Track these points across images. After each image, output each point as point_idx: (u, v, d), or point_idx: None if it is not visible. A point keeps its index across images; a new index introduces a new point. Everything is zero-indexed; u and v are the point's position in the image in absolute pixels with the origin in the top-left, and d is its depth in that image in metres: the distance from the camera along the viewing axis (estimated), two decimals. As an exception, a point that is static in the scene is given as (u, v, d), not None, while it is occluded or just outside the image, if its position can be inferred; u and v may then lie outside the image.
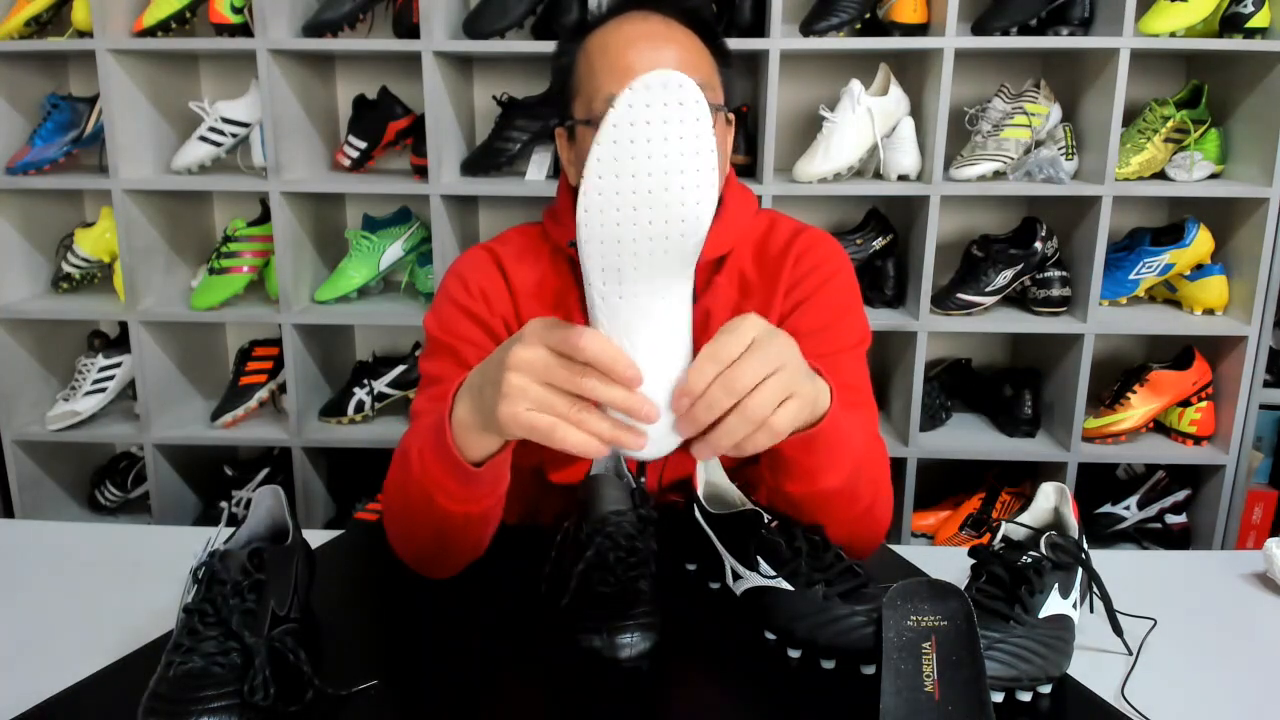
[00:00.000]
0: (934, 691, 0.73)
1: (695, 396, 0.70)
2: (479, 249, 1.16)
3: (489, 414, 0.74)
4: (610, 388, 0.69)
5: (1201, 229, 2.00)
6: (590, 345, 0.69)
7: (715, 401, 0.70)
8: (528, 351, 0.71)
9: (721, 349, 0.71)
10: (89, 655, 0.85)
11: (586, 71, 1.05)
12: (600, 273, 0.71)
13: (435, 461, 0.84)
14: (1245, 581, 1.04)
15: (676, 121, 0.69)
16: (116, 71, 1.92)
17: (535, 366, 0.71)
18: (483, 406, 0.76)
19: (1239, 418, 1.99)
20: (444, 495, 0.85)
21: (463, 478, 0.83)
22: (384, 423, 2.12)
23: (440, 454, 0.83)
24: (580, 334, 0.69)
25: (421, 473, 0.86)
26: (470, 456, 0.81)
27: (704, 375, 0.70)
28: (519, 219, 1.39)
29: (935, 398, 2.11)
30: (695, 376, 0.71)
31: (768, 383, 0.71)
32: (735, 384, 0.70)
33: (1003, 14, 1.88)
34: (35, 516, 2.16)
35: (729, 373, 0.70)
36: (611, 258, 0.71)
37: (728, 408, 0.71)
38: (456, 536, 0.91)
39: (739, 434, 0.71)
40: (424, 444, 0.86)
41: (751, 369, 0.71)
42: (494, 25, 1.90)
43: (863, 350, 1.12)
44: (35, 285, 2.18)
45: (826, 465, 0.89)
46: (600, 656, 0.79)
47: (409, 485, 0.88)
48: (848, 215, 2.20)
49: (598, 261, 0.71)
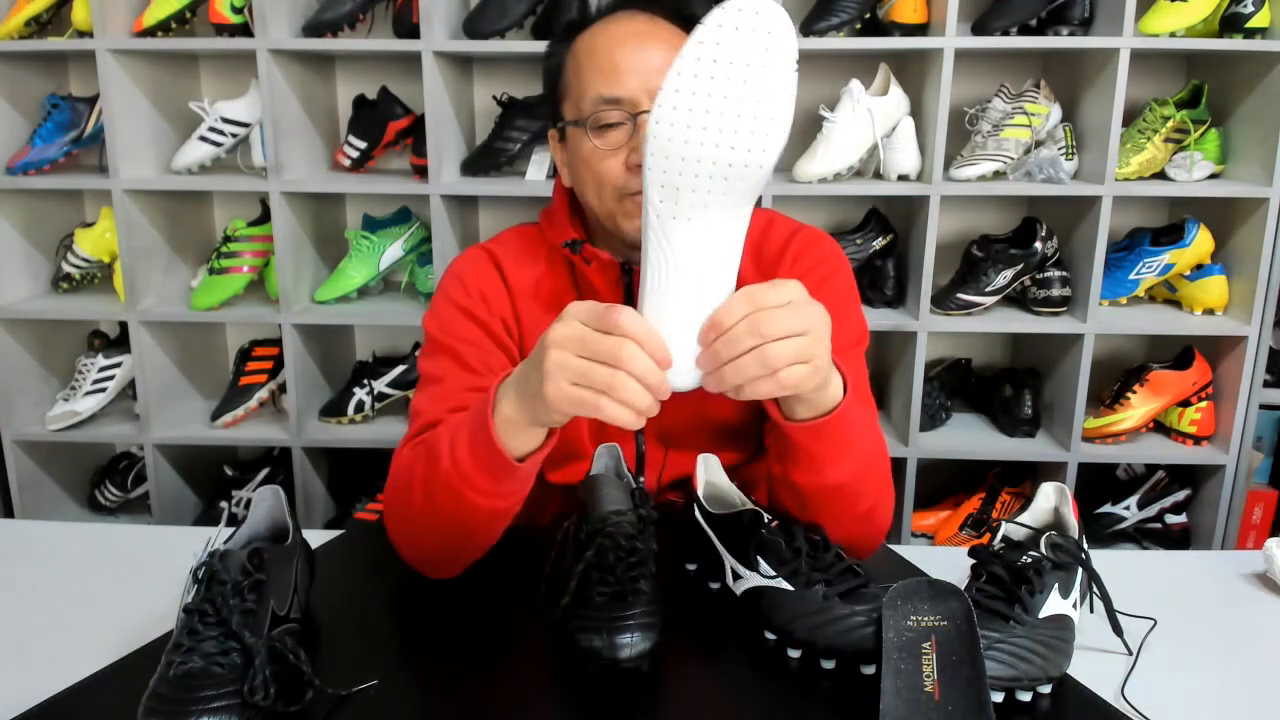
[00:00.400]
0: (934, 691, 0.73)
1: (722, 331, 0.73)
2: (477, 249, 1.17)
3: (535, 397, 0.76)
4: (643, 360, 0.72)
5: (1201, 229, 2.00)
6: (626, 320, 0.72)
7: (738, 340, 0.73)
8: (565, 328, 0.74)
9: (759, 294, 0.74)
10: (89, 655, 0.85)
11: (575, 72, 1.05)
12: (659, 189, 0.73)
13: (470, 458, 0.85)
14: (1245, 581, 1.04)
15: (762, 49, 0.69)
16: (116, 71, 1.92)
17: (573, 340, 0.74)
18: (528, 393, 0.79)
19: (1239, 418, 1.99)
20: (474, 491, 0.86)
21: (501, 473, 0.84)
22: (384, 423, 2.12)
23: (478, 450, 0.84)
24: (617, 310, 0.72)
25: (452, 468, 0.86)
26: (513, 452, 0.83)
27: (734, 313, 0.73)
28: (519, 219, 1.39)
29: (935, 398, 2.11)
30: (726, 312, 0.73)
31: (792, 339, 0.74)
32: (761, 327, 0.72)
33: (1003, 14, 1.87)
34: (35, 516, 2.16)
35: (758, 315, 0.73)
36: (674, 175, 0.72)
37: (747, 349, 0.73)
38: (477, 532, 0.92)
39: (748, 374, 0.73)
40: (456, 440, 0.86)
41: (781, 320, 0.73)
42: (494, 25, 1.90)
43: (861, 350, 1.12)
44: (35, 285, 2.18)
45: (835, 457, 0.90)
46: (600, 656, 0.79)
47: (435, 481, 0.88)
48: (848, 215, 2.20)
49: (658, 177, 0.72)
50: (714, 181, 0.72)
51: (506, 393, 0.82)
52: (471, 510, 0.88)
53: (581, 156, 1.04)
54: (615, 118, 1.01)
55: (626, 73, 1.00)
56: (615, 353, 0.72)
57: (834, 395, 0.85)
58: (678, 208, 0.73)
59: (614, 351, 0.72)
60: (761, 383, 0.74)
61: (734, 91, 0.69)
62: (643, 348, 0.72)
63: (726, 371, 0.74)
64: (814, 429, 0.86)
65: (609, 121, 1.01)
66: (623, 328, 0.72)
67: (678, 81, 0.69)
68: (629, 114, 1.00)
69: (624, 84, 1.00)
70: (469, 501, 0.87)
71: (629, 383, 0.72)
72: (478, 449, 0.84)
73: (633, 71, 1.00)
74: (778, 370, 0.74)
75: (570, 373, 0.73)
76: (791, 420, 0.87)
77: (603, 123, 1.02)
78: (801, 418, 0.87)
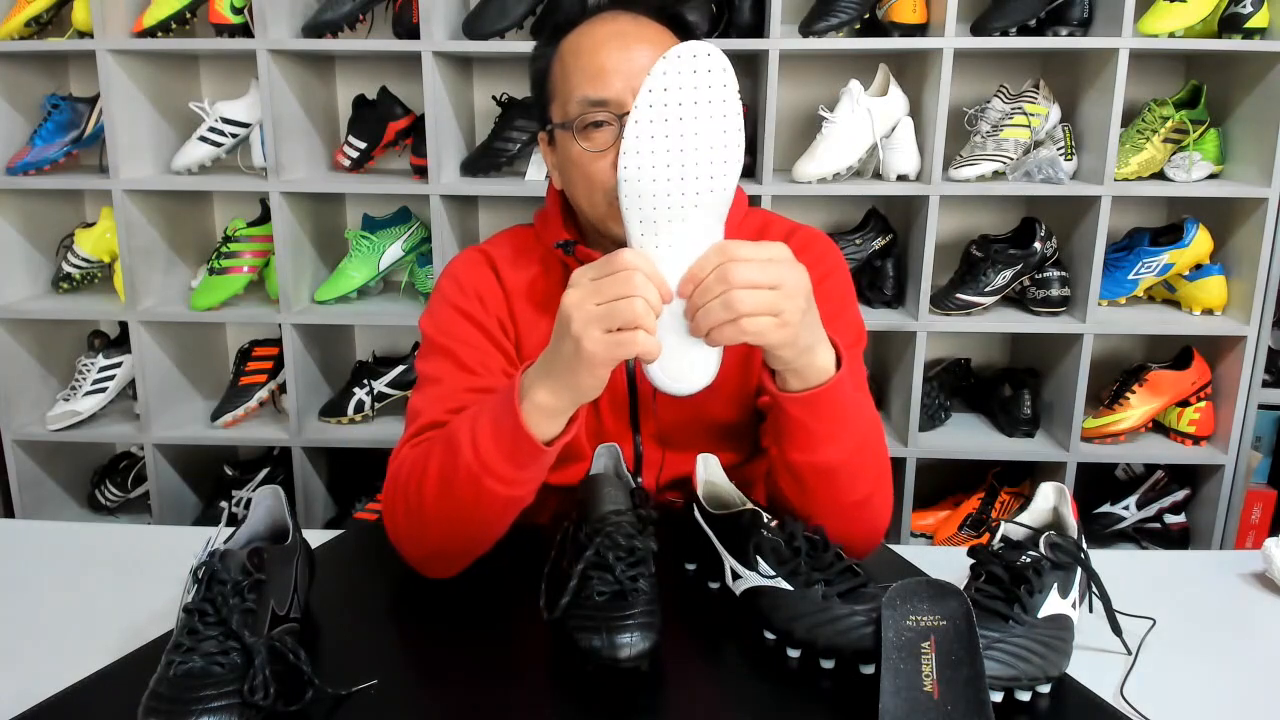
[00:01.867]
0: (933, 691, 0.74)
1: (697, 282, 0.79)
2: (472, 251, 1.17)
3: (574, 365, 0.80)
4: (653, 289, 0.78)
5: (1200, 229, 2.00)
6: (628, 257, 0.78)
7: (709, 288, 0.79)
8: (577, 289, 0.80)
9: (734, 246, 0.80)
10: (89, 655, 0.85)
11: (561, 75, 1.05)
12: (639, 224, 0.82)
13: (494, 447, 0.87)
14: (1244, 581, 1.04)
15: (705, 87, 0.78)
16: (116, 72, 1.92)
17: (588, 294, 0.79)
18: (563, 369, 0.82)
19: (1238, 418, 1.99)
20: (495, 479, 0.88)
21: (525, 460, 0.87)
22: (384, 423, 2.12)
23: (501, 439, 0.86)
24: (616, 254, 0.79)
25: (474, 459, 0.88)
26: (541, 437, 0.85)
27: (708, 263, 0.79)
28: (519, 219, 1.40)
29: (935, 397, 2.11)
30: (701, 263, 0.80)
31: (760, 290, 0.78)
32: (730, 276, 0.78)
33: (1002, 14, 1.88)
34: (35, 516, 2.16)
35: (727, 265, 0.78)
36: (648, 211, 0.81)
37: (715, 295, 0.78)
38: (490, 522, 0.93)
39: (713, 319, 0.79)
40: (478, 432, 0.88)
41: (750, 272, 0.78)
42: (494, 25, 1.90)
43: (859, 351, 1.13)
44: (35, 285, 2.18)
45: (829, 434, 0.92)
46: (600, 656, 0.79)
47: (453, 472, 0.89)
48: (847, 215, 2.20)
49: (636, 215, 0.81)
50: (685, 210, 0.80)
51: (535, 380, 0.85)
52: (491, 499, 0.89)
53: (571, 159, 1.04)
54: (601, 118, 1.01)
55: (611, 74, 1.00)
56: (629, 283, 0.77)
57: (824, 367, 0.88)
58: (658, 238, 0.81)
59: (627, 282, 0.77)
60: (725, 329, 0.79)
61: (687, 131, 0.78)
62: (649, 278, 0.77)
63: (698, 317, 0.79)
64: (806, 401, 0.89)
65: (595, 120, 1.01)
66: (627, 263, 0.78)
67: (637, 129, 0.79)
68: (615, 115, 1.00)
69: (609, 85, 1.00)
70: (489, 490, 0.88)
71: (648, 309, 0.77)
72: (501, 438, 0.86)
73: (617, 72, 1.00)
74: (740, 317, 0.78)
75: (598, 321, 0.78)
76: (784, 391, 0.90)
77: (589, 123, 1.02)
78: (793, 389, 0.89)
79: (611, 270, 0.78)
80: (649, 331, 0.78)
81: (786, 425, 0.93)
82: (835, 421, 0.92)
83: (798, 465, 0.94)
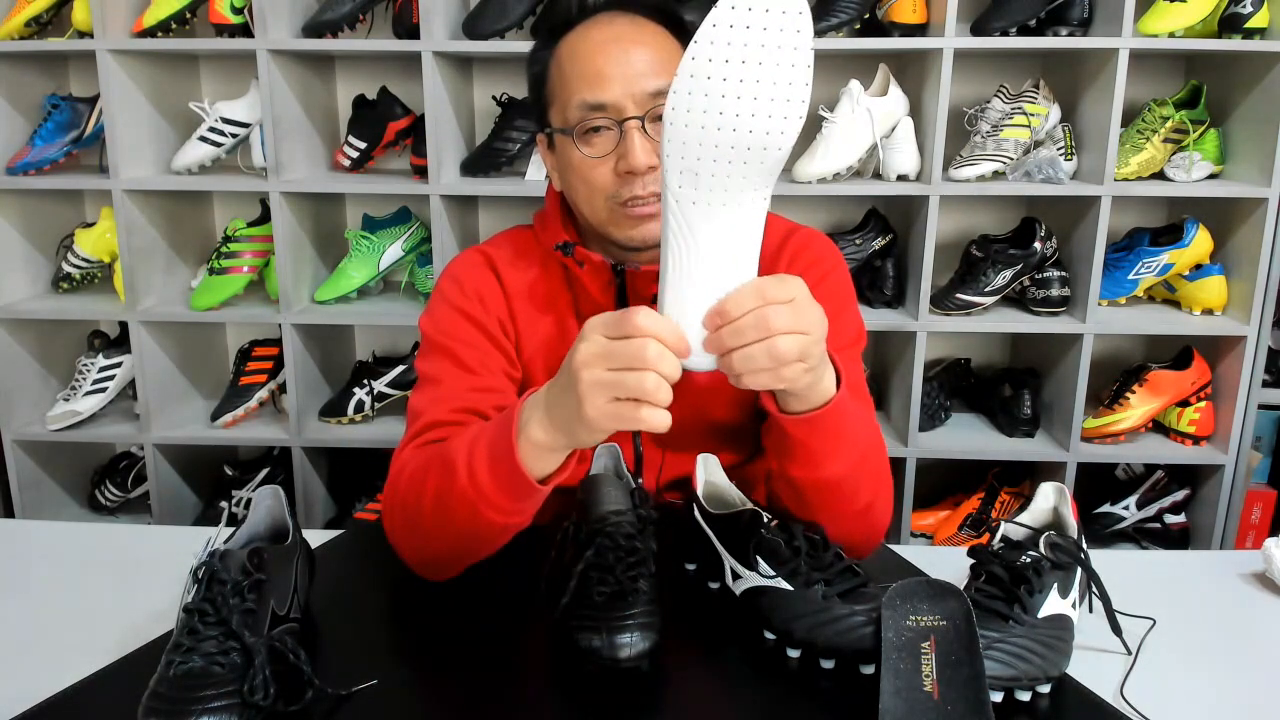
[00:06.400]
0: (933, 691, 0.74)
1: (728, 321, 0.75)
2: (472, 252, 1.17)
3: (573, 422, 0.77)
4: (670, 359, 0.74)
5: (1200, 229, 2.00)
6: (643, 321, 0.73)
7: (743, 332, 0.75)
8: (589, 346, 0.75)
9: (768, 289, 0.75)
10: (89, 655, 0.85)
11: (559, 78, 1.05)
12: (678, 175, 0.73)
13: (491, 478, 0.85)
14: (1244, 581, 1.04)
15: (777, 30, 0.68)
16: (116, 72, 1.92)
17: (599, 356, 0.74)
18: (563, 418, 0.79)
19: (1238, 418, 1.99)
20: (492, 509, 0.86)
21: (521, 494, 0.85)
22: (384, 423, 2.12)
23: (498, 471, 0.84)
24: (633, 313, 0.74)
25: (470, 486, 0.86)
26: (536, 475, 0.83)
27: (743, 305, 0.75)
28: (519, 219, 1.40)
29: (935, 397, 2.11)
30: (735, 303, 0.75)
31: (795, 336, 0.75)
32: (767, 323, 0.74)
33: (1002, 14, 1.88)
34: (35, 516, 2.16)
35: (765, 310, 0.74)
36: (691, 160, 0.72)
37: (752, 340, 0.75)
38: (487, 543, 0.92)
39: (756, 364, 0.75)
40: (475, 460, 0.86)
41: (786, 318, 0.75)
42: (494, 25, 1.90)
43: (858, 350, 1.13)
44: (35, 285, 2.18)
45: (830, 451, 0.91)
46: (600, 656, 0.79)
47: (449, 496, 0.88)
48: (847, 215, 2.20)
49: (677, 163, 0.72)
50: (732, 166, 0.72)
51: (533, 416, 0.82)
52: (487, 525, 0.88)
53: (571, 164, 1.04)
54: (600, 123, 1.01)
55: (610, 78, 0.99)
56: (641, 355, 0.73)
57: (827, 389, 0.87)
58: (697, 192, 0.73)
59: (640, 354, 0.73)
60: (762, 375, 0.76)
61: (751, 73, 0.69)
62: (665, 344, 0.73)
63: (735, 358, 0.76)
64: (808, 421, 0.88)
65: (594, 125, 1.01)
66: (642, 329, 0.73)
67: (693, 66, 0.69)
68: (614, 120, 1.00)
69: (608, 90, 0.99)
70: (485, 518, 0.87)
71: (661, 384, 0.73)
72: (498, 470, 0.84)
73: (616, 77, 0.99)
74: (780, 365, 0.75)
75: (605, 388, 0.74)
76: (786, 413, 0.88)
77: (588, 128, 1.01)
78: (795, 410, 0.88)
79: (626, 333, 0.74)
80: (658, 406, 0.73)
81: (787, 444, 0.92)
82: (836, 439, 0.91)
83: (799, 481, 0.94)
